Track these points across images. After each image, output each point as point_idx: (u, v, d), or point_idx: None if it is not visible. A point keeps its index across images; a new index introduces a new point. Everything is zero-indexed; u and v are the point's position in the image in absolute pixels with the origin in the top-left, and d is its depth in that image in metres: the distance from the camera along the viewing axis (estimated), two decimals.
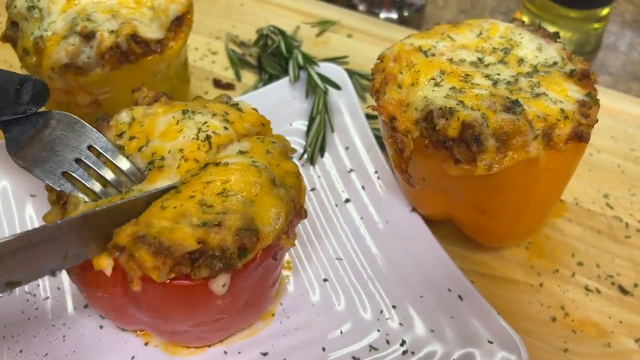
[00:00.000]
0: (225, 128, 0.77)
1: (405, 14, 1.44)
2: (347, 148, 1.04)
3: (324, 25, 1.35)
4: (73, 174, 0.75)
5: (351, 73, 1.17)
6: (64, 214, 0.71)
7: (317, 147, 1.04)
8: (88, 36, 0.87)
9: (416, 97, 0.81)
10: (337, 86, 1.09)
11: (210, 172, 0.71)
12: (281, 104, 1.10)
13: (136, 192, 0.71)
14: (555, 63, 0.85)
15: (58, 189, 0.74)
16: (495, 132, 0.75)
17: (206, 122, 0.77)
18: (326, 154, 1.04)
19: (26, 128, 0.78)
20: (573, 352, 0.86)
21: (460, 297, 0.85)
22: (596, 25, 1.43)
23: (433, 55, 0.86)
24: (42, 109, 0.81)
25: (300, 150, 1.05)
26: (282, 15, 1.38)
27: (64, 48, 0.87)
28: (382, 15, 1.45)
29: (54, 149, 0.76)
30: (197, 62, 1.27)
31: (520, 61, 0.85)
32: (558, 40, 0.88)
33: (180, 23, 0.97)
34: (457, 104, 0.77)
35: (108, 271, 0.66)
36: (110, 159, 0.75)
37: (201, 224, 0.65)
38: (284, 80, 1.12)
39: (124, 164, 0.75)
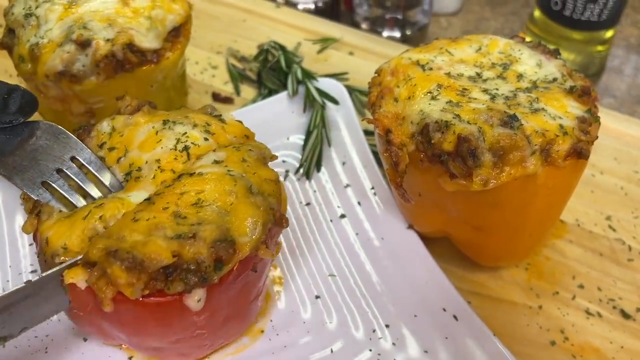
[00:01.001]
0: (206, 139, 0.76)
1: (408, 33, 1.44)
2: (343, 163, 1.03)
3: (326, 42, 1.35)
4: (52, 184, 0.74)
5: (351, 89, 1.16)
6: (39, 223, 0.70)
7: (313, 161, 1.02)
8: (84, 44, 0.87)
9: (412, 110, 0.80)
10: (335, 101, 1.08)
11: (184, 182, 0.70)
12: (279, 118, 1.09)
13: (110, 200, 0.70)
14: (555, 79, 0.83)
15: (35, 198, 0.72)
16: (491, 147, 0.73)
17: (185, 132, 0.75)
18: (322, 169, 1.03)
19: (11, 137, 0.77)
20: None
21: (455, 317, 0.83)
22: (600, 48, 1.42)
23: (431, 69, 0.84)
24: (32, 119, 0.80)
25: (297, 165, 1.04)
26: (284, 32, 1.38)
27: (59, 55, 0.87)
28: (385, 34, 1.44)
29: (36, 158, 0.76)
30: (196, 76, 1.26)
31: (520, 77, 0.84)
32: (558, 57, 0.87)
33: (177, 34, 0.97)
34: (453, 118, 0.75)
35: (81, 285, 0.64)
36: (93, 171, 0.74)
37: (175, 236, 0.63)
38: (282, 95, 1.12)
39: (106, 176, 0.74)
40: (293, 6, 1.49)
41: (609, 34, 1.40)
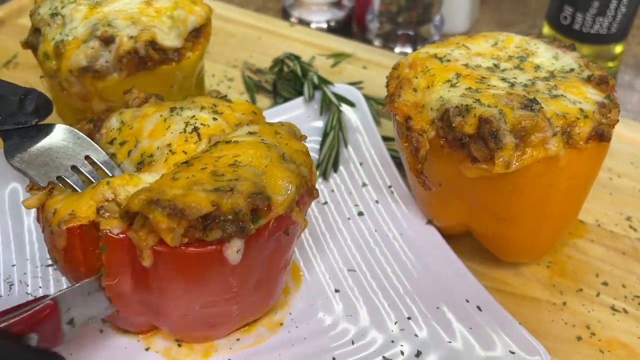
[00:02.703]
0: (215, 119, 0.77)
1: (420, 48, 1.46)
2: (361, 163, 1.03)
3: (339, 57, 1.37)
4: (67, 179, 0.75)
5: (366, 97, 1.17)
6: (48, 199, 0.71)
7: (330, 161, 1.02)
8: (107, 40, 0.89)
9: (431, 98, 0.80)
10: (351, 103, 1.09)
11: (221, 148, 0.72)
12: (296, 122, 1.07)
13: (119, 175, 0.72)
14: (572, 69, 0.84)
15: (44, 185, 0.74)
16: (513, 128, 0.73)
17: (194, 115, 0.77)
18: (340, 169, 1.03)
19: (26, 139, 0.78)
20: None
21: (479, 307, 0.81)
22: (610, 64, 1.43)
23: (448, 61, 0.86)
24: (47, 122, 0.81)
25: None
26: (298, 48, 1.40)
27: (84, 51, 0.89)
28: (397, 50, 1.47)
29: (52, 156, 0.77)
30: (213, 87, 1.28)
31: (537, 67, 0.85)
32: (574, 50, 0.88)
33: (198, 35, 0.99)
34: (473, 102, 0.76)
35: (115, 230, 0.65)
36: (106, 170, 0.76)
37: (214, 189, 0.65)
38: (299, 100, 1.13)
39: (117, 175, 0.75)
40: (306, 25, 1.52)
41: (618, 49, 1.42)
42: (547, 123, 0.73)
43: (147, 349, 0.79)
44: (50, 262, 0.87)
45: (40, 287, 0.84)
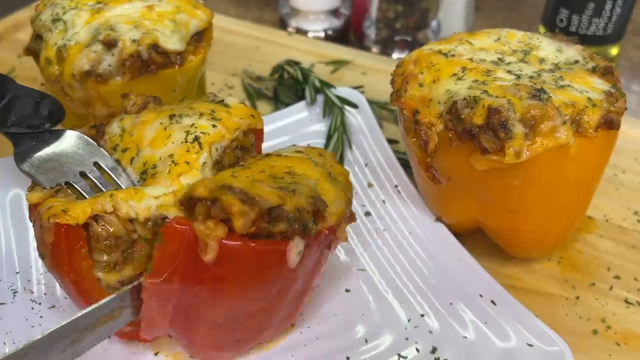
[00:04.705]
0: (214, 126, 0.76)
1: None
2: (366, 164, 1.02)
3: (338, 64, 1.37)
4: (75, 185, 0.74)
5: (368, 101, 1.17)
6: (52, 196, 0.71)
7: None
8: (110, 44, 0.88)
9: (438, 92, 0.80)
10: (354, 105, 1.08)
11: (274, 159, 0.74)
12: (298, 125, 1.09)
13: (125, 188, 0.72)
14: (576, 61, 0.85)
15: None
16: (522, 117, 0.73)
17: (193, 124, 0.76)
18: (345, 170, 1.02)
19: (38, 143, 0.78)
20: None
21: (493, 302, 0.80)
22: None
23: (453, 56, 0.86)
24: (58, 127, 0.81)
25: None
26: (296, 56, 1.40)
27: (86, 55, 0.88)
28: (395, 55, 1.47)
29: (61, 161, 0.77)
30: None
31: (542, 60, 0.85)
32: (577, 43, 0.89)
33: (200, 39, 0.99)
34: (481, 93, 0.76)
35: (171, 215, 0.65)
36: (114, 176, 0.75)
37: (277, 187, 0.65)
38: (301, 104, 1.13)
39: (125, 183, 0.75)
40: (304, 34, 1.53)
41: (614, 50, 1.43)
42: (556, 112, 0.73)
43: (156, 354, 0.77)
44: None
45: (45, 294, 0.82)
